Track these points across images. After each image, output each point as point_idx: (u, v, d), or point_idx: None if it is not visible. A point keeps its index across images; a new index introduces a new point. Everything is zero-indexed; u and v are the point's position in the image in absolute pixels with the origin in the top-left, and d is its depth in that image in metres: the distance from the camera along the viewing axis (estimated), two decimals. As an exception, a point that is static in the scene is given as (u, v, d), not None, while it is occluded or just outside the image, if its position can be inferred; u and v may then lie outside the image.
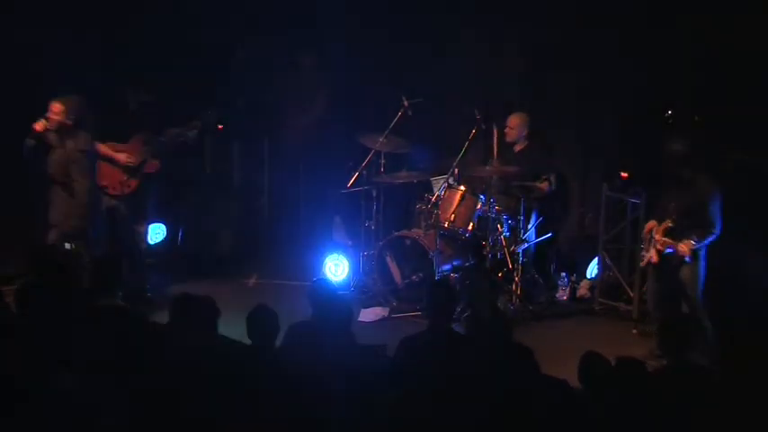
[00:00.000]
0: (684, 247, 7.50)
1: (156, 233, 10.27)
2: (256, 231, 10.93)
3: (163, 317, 6.43)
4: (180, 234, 10.64)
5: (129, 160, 9.18)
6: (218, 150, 10.95)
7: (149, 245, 9.99)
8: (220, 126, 10.54)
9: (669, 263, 7.72)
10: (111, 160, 9.17)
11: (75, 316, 6.15)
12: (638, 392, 5.18)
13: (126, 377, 5.37)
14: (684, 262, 7.62)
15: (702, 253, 7.69)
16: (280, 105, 10.90)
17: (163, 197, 9.94)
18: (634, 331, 8.43)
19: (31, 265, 7.18)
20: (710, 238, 7.62)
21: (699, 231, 7.56)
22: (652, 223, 7.89)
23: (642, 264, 8.01)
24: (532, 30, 9.91)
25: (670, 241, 7.60)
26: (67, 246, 9.01)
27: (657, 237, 7.73)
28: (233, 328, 6.30)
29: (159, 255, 10.05)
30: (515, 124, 9.57)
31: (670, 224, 7.67)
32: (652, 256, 7.78)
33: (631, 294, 9.04)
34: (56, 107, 8.34)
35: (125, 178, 9.20)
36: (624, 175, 9.25)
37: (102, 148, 9.14)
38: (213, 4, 10.23)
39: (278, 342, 6.09)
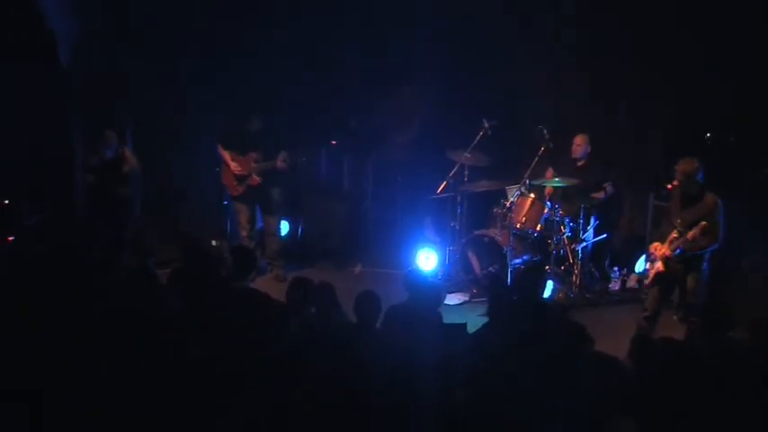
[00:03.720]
0: (695, 230, 7.27)
1: (282, 229, 10.34)
2: (362, 228, 10.97)
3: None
4: (300, 230, 10.74)
5: (237, 170, 9.48)
6: (332, 162, 11.04)
7: (280, 237, 10.05)
8: (334, 142, 10.67)
9: (673, 271, 7.54)
10: (227, 166, 9.52)
11: (213, 295, 6.24)
12: (679, 367, 5.09)
13: (254, 346, 5.42)
14: (689, 270, 7.46)
15: (705, 263, 7.51)
16: (383, 126, 10.93)
17: (288, 200, 10.05)
18: (675, 317, 8.24)
19: (181, 254, 7.31)
20: (714, 246, 7.44)
21: (704, 239, 7.38)
22: (657, 244, 7.71)
23: (648, 281, 7.76)
24: (592, 62, 9.83)
25: (678, 242, 7.41)
26: (214, 242, 9.29)
27: (664, 249, 7.54)
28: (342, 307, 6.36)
29: (284, 246, 10.10)
30: (581, 142, 9.52)
31: (675, 235, 7.49)
32: (659, 267, 7.58)
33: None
34: None
35: (234, 183, 9.56)
36: (670, 186, 9.11)
37: (225, 155, 9.56)
38: (322, 49, 10.33)
39: (379, 321, 6.13)
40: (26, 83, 9.04)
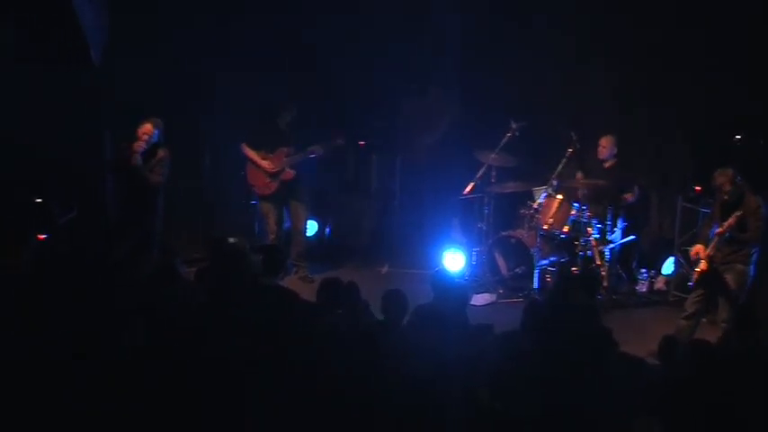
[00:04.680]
0: (731, 219, 7.27)
1: (310, 228, 10.33)
2: (389, 229, 10.93)
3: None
4: (328, 230, 10.72)
5: (269, 168, 9.40)
6: (360, 162, 11.03)
7: (307, 237, 10.01)
8: (362, 142, 10.66)
9: (716, 270, 7.46)
10: (257, 165, 9.45)
11: (241, 291, 6.22)
12: (707, 369, 5.03)
13: (281, 343, 5.39)
14: (732, 271, 7.39)
15: (752, 267, 7.45)
16: (410, 126, 10.90)
17: (315, 200, 10.03)
18: (703, 320, 8.15)
19: (208, 253, 7.31)
20: (754, 244, 7.41)
21: (745, 236, 7.37)
22: (699, 247, 7.61)
23: (693, 282, 7.67)
24: (620, 66, 9.75)
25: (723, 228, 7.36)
26: (231, 240, 9.18)
27: (710, 251, 7.45)
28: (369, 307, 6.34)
29: (312, 246, 10.09)
30: (606, 144, 9.44)
31: (719, 231, 7.42)
32: (702, 266, 7.48)
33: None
34: None
35: (267, 181, 9.47)
36: (698, 189, 9.06)
37: (252, 155, 9.44)
38: (353, 50, 10.30)
39: (405, 319, 6.10)
40: (56, 82, 9.07)
